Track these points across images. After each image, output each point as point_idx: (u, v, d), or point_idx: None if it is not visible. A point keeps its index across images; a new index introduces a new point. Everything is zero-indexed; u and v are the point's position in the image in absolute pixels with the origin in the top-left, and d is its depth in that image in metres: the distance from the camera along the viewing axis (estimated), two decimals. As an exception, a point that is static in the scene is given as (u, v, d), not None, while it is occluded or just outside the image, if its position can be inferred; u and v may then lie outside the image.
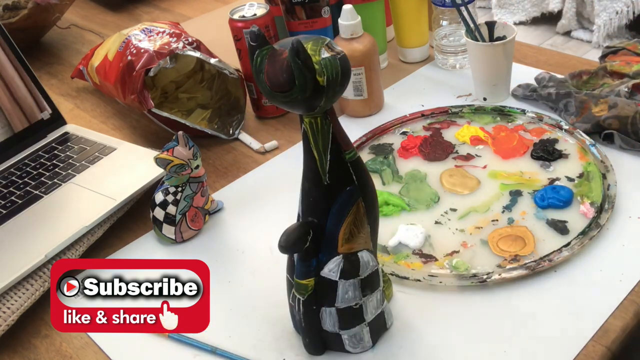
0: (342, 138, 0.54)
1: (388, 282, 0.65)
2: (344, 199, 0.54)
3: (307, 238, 0.54)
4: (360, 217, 0.55)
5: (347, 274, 0.56)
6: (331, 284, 0.56)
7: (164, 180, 0.75)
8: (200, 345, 0.63)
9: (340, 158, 0.53)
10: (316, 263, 0.56)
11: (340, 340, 0.59)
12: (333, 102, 0.52)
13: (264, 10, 0.92)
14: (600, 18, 2.60)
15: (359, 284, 0.56)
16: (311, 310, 0.58)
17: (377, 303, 0.59)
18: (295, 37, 0.50)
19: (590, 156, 0.79)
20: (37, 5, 1.21)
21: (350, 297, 0.56)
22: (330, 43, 0.50)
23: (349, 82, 0.52)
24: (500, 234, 0.71)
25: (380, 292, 0.59)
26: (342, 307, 0.57)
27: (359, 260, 0.56)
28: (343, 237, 0.55)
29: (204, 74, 1.02)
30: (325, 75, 0.48)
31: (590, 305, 0.62)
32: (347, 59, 0.51)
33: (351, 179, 0.54)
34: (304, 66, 0.48)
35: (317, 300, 0.57)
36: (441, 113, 0.91)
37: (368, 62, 0.90)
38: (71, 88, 1.17)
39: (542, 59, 1.03)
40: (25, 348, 0.68)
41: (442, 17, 1.00)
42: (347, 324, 0.58)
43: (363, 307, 0.58)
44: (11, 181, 0.85)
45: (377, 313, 0.59)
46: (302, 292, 0.57)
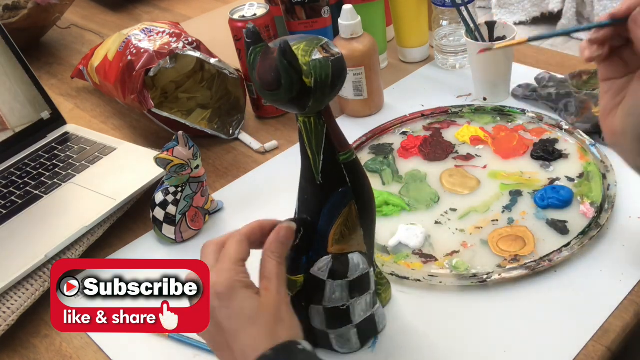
0: (338, 139, 0.53)
1: (386, 285, 0.64)
2: (336, 200, 0.54)
3: (297, 235, 0.55)
4: (353, 220, 0.55)
5: (336, 274, 0.56)
6: (319, 283, 0.56)
7: (164, 180, 0.75)
8: (200, 345, 0.63)
9: (334, 159, 0.53)
10: (306, 260, 0.56)
11: (328, 339, 0.59)
12: (324, 104, 0.51)
13: (264, 10, 0.92)
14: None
15: (347, 285, 0.56)
16: (300, 307, 0.57)
17: (367, 306, 0.59)
18: (289, 36, 0.50)
19: (590, 156, 0.79)
20: (37, 5, 1.21)
21: (337, 297, 0.56)
22: (327, 44, 0.50)
23: (342, 84, 0.51)
24: (500, 234, 0.71)
25: (371, 295, 0.59)
26: (329, 306, 0.57)
27: (348, 262, 0.56)
28: (333, 238, 0.55)
29: (204, 74, 1.02)
30: (312, 77, 0.48)
31: (590, 305, 0.62)
32: (343, 61, 0.50)
33: (344, 180, 0.54)
34: (290, 67, 0.48)
35: (306, 297, 0.57)
36: (441, 113, 0.91)
37: (368, 62, 0.90)
38: (71, 88, 1.17)
39: (542, 59, 1.03)
40: (25, 348, 0.68)
41: (442, 17, 1.00)
42: (334, 324, 0.58)
43: (351, 309, 0.57)
44: (11, 181, 0.85)
45: (367, 316, 0.59)
46: (291, 287, 0.56)
